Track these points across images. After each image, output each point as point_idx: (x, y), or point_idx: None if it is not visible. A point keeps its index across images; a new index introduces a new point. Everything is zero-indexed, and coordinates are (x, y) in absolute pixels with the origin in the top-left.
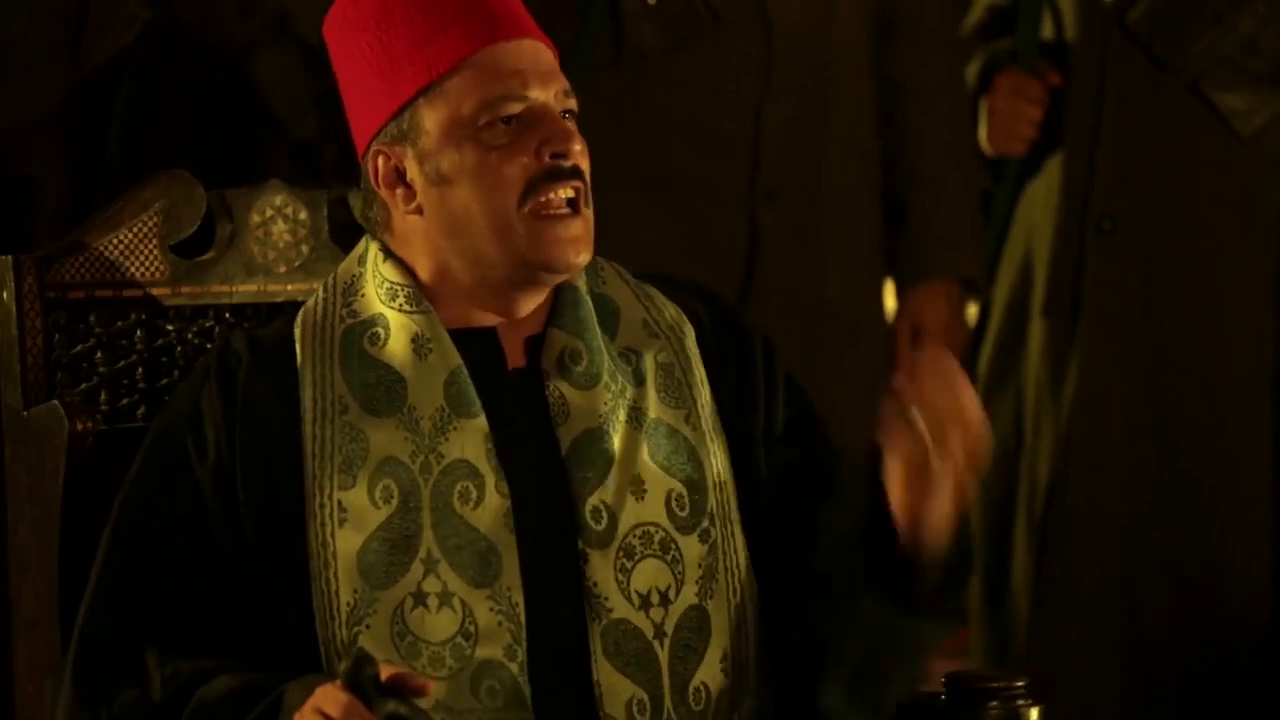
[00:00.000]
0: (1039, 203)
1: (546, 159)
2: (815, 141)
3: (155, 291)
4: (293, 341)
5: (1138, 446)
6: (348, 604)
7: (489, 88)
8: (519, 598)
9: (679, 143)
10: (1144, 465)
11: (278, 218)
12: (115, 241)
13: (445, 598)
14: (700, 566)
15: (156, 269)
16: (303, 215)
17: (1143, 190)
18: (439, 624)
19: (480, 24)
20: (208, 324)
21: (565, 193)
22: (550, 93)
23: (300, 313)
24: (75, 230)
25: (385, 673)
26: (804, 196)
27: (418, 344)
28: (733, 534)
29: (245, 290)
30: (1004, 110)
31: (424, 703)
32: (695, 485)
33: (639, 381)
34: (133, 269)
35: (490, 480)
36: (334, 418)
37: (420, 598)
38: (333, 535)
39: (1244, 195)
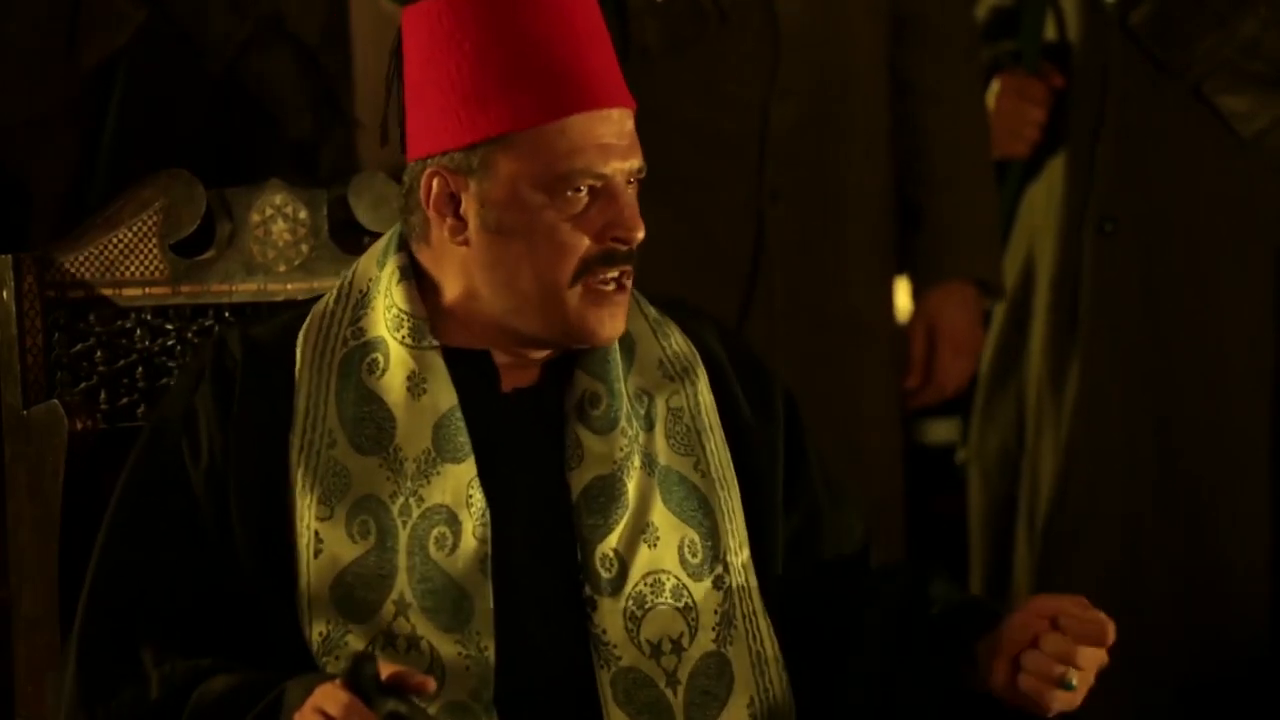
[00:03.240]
0: (1040, 204)
1: (608, 241)
2: (826, 142)
3: (155, 291)
4: (293, 350)
5: (1138, 447)
6: (320, 634)
7: (574, 158)
8: (488, 641)
9: (683, 142)
10: (1144, 466)
11: (277, 217)
12: (115, 241)
13: (413, 641)
14: (716, 613)
15: (156, 268)
16: (302, 214)
17: (1144, 191)
18: (406, 665)
19: (579, 87)
20: (208, 323)
21: (614, 274)
22: (626, 168)
23: (306, 321)
24: (75, 229)
25: (385, 672)
26: (814, 197)
27: (413, 382)
28: (748, 580)
29: (245, 289)
30: (1007, 111)
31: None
32: (708, 532)
33: (649, 426)
34: (132, 268)
35: (468, 526)
36: (321, 449)
37: (391, 638)
38: (308, 564)
39: (1245, 197)
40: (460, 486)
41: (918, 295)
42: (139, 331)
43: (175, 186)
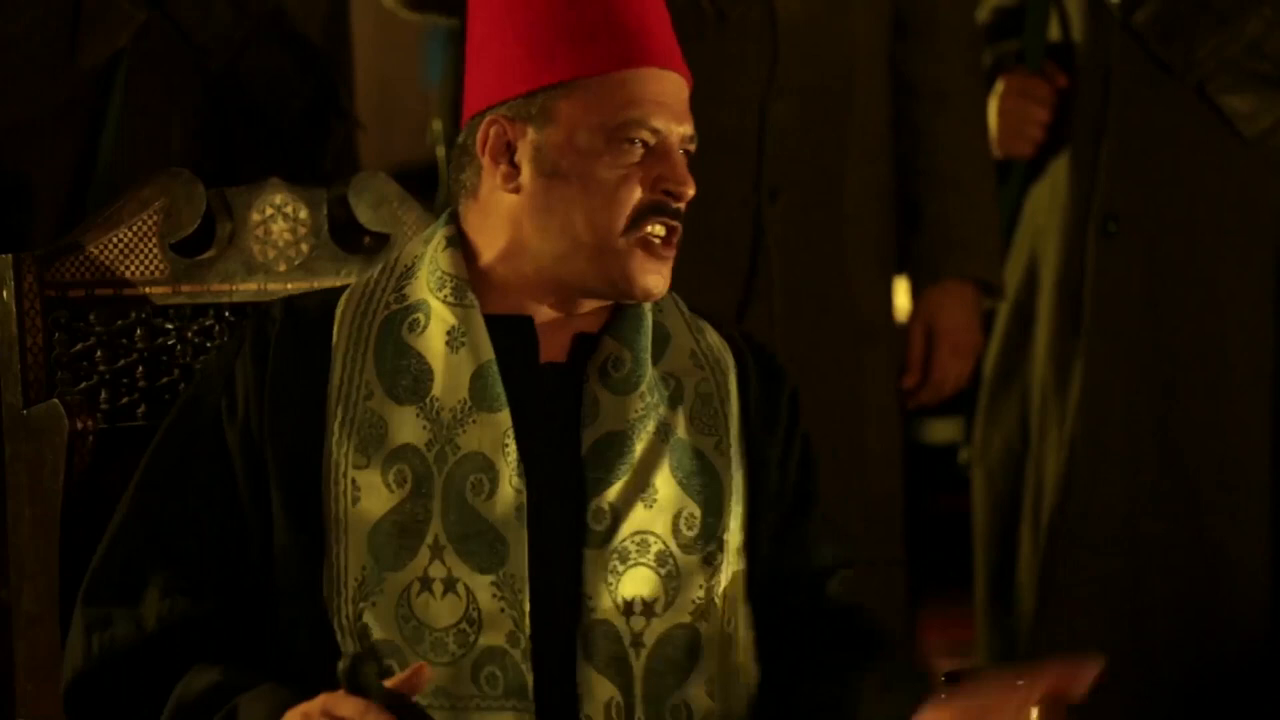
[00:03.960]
0: (1044, 204)
1: (659, 194)
2: (827, 140)
3: (155, 290)
4: (333, 313)
5: (1141, 447)
6: (355, 579)
7: (632, 108)
8: (523, 586)
9: None
10: (1147, 465)
11: (278, 216)
12: (115, 240)
13: (450, 584)
14: (701, 588)
15: (156, 268)
16: (303, 214)
17: (1147, 191)
18: (442, 610)
19: (641, 43)
20: (208, 323)
21: (662, 229)
22: (680, 131)
23: (348, 290)
24: (75, 229)
25: (389, 682)
26: (814, 195)
27: (452, 336)
28: (738, 564)
29: (245, 289)
30: (1010, 111)
31: (425, 688)
32: (711, 509)
33: (673, 404)
34: (133, 268)
35: (505, 473)
36: (358, 401)
37: (426, 583)
38: (345, 512)
39: (1248, 197)
40: (497, 435)
41: (917, 295)
42: (139, 331)
43: (175, 186)
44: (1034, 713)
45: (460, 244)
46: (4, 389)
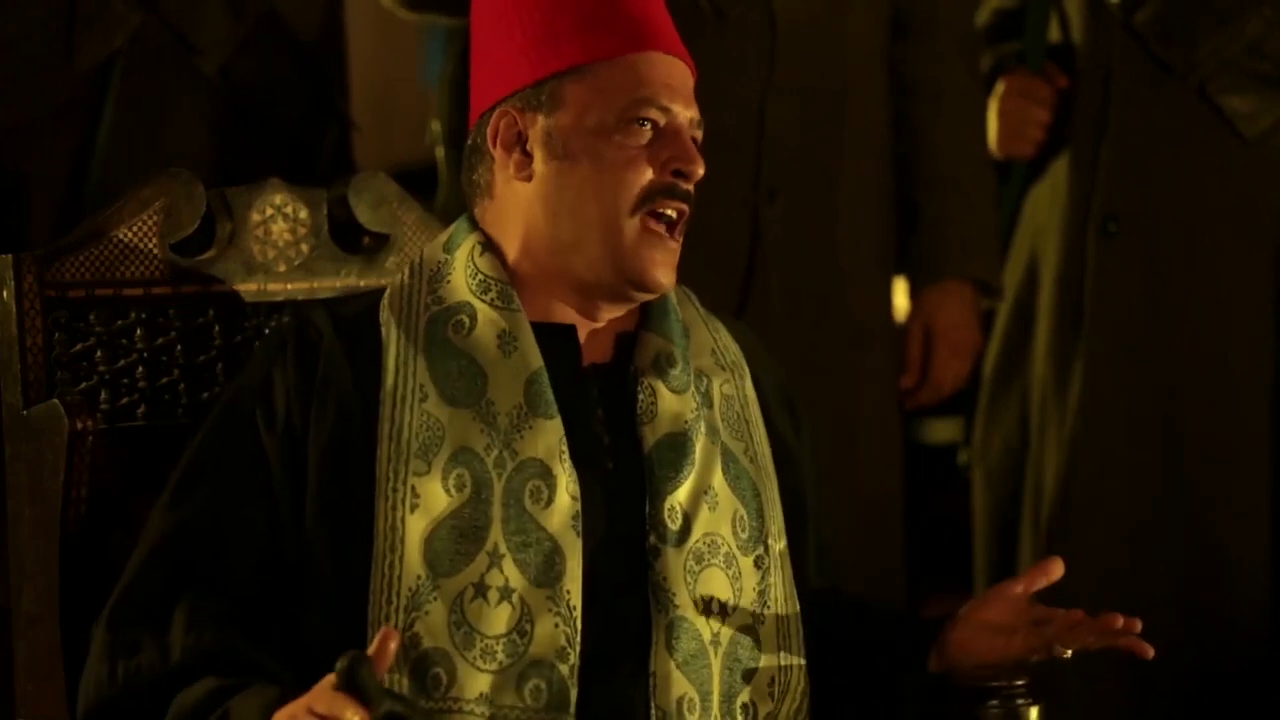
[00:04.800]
0: (1044, 204)
1: (669, 175)
2: (825, 140)
3: (155, 290)
4: (377, 321)
5: (1141, 447)
6: (409, 589)
7: (643, 89)
8: (578, 601)
9: None
10: (1147, 466)
11: (277, 216)
12: (115, 240)
13: (506, 593)
14: (756, 590)
15: (156, 268)
16: (303, 214)
17: (1148, 192)
18: (496, 618)
19: (647, 29)
20: (208, 323)
21: (671, 212)
22: (689, 115)
23: (386, 294)
24: (75, 229)
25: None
26: (812, 195)
27: (503, 340)
28: (783, 567)
29: (245, 289)
30: (1011, 112)
31: (469, 693)
32: (755, 512)
33: (709, 404)
34: (133, 268)
35: (562, 481)
36: (413, 404)
37: (481, 589)
38: (403, 520)
39: (1249, 197)
40: (553, 442)
41: (915, 295)
42: (139, 331)
43: (175, 186)
44: (1033, 712)
45: (493, 250)
46: (4, 389)
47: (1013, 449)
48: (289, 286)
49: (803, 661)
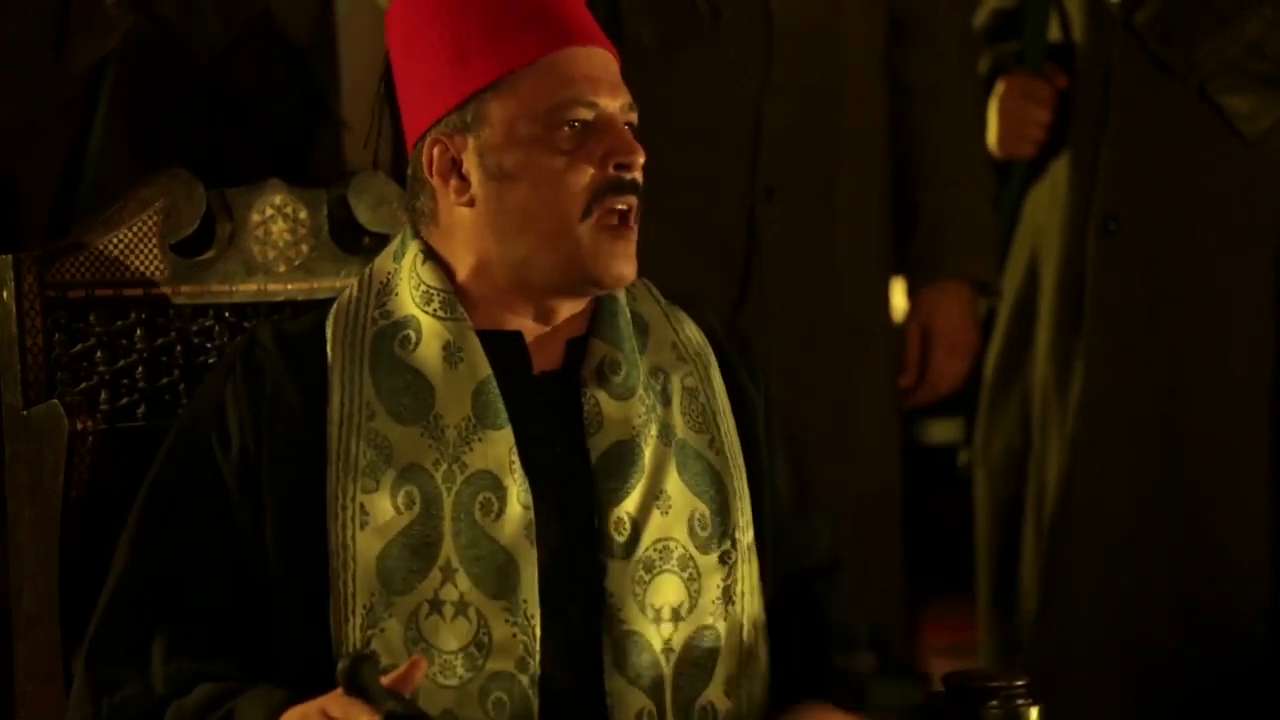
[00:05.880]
0: (1044, 204)
1: (611, 170)
2: (822, 140)
3: (155, 291)
4: (324, 339)
5: (1142, 448)
6: (364, 606)
7: (563, 90)
8: (535, 610)
9: (677, 140)
10: (1148, 466)
11: (278, 217)
12: (115, 241)
13: (461, 607)
14: (719, 588)
15: (156, 268)
16: (303, 214)
17: (1148, 192)
18: (453, 632)
19: (557, 27)
20: (208, 323)
21: (622, 206)
22: (618, 103)
23: (333, 310)
24: (75, 229)
25: (386, 679)
26: (810, 195)
27: (449, 352)
28: (750, 560)
29: (245, 289)
30: (1011, 112)
31: (432, 710)
32: (719, 508)
33: (666, 401)
34: (133, 268)
35: (514, 491)
36: (360, 423)
37: (436, 605)
38: (353, 538)
39: (1249, 197)
40: (503, 453)
41: (913, 295)
42: (139, 331)
43: (175, 186)
44: (1033, 713)
45: (436, 258)
46: (4, 389)
47: (1014, 449)
48: (289, 287)
49: (766, 654)
